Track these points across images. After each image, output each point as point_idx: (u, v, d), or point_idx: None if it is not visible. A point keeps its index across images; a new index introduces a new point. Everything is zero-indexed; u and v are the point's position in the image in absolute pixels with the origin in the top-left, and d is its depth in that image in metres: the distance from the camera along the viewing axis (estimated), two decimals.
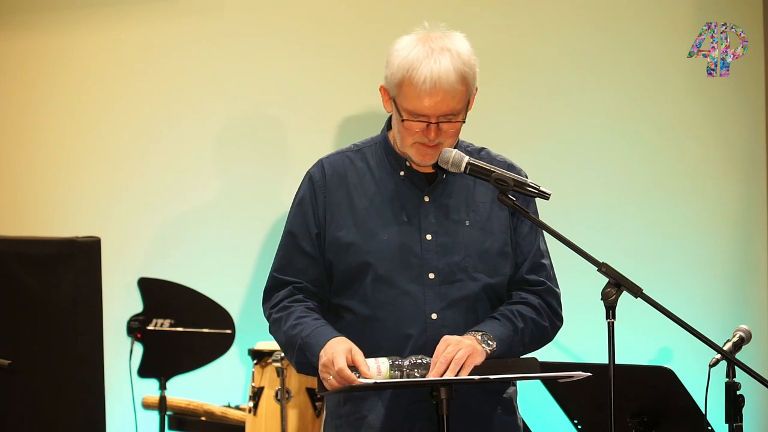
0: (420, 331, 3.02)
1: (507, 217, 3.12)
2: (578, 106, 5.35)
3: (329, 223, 3.08)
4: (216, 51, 5.76)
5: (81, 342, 4.40)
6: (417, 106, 2.97)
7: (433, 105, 2.96)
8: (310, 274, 3.10)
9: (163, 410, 5.19)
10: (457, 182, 3.11)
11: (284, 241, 3.15)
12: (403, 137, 3.03)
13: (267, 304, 3.15)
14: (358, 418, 3.06)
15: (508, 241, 3.11)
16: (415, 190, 3.09)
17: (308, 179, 3.15)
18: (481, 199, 3.11)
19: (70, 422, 4.38)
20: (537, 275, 3.12)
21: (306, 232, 3.10)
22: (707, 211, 5.23)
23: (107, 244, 4.65)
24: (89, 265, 4.46)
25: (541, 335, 3.10)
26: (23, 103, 5.99)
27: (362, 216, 3.07)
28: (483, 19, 5.43)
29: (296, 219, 3.13)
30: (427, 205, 3.08)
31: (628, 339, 4.56)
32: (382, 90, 3.07)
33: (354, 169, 3.13)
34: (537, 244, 3.14)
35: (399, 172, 3.11)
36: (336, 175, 3.12)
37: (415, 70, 2.96)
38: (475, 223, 3.08)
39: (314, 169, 3.16)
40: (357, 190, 3.10)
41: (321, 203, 3.10)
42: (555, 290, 3.14)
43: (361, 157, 3.15)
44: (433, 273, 3.04)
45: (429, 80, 2.94)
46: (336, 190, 3.11)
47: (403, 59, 2.99)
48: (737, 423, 3.46)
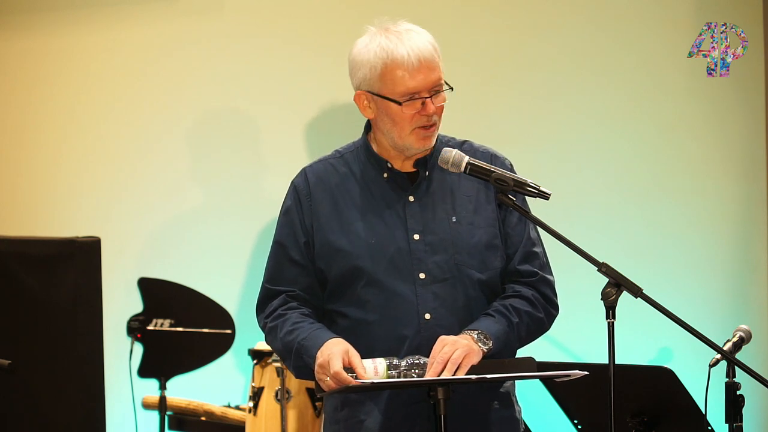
0: (414, 332, 3.01)
1: (494, 209, 3.11)
2: (578, 106, 5.35)
3: (316, 230, 3.09)
4: (216, 51, 5.76)
5: (81, 342, 4.40)
6: (409, 85, 2.99)
7: (423, 78, 2.99)
8: (301, 282, 3.11)
9: (163, 410, 5.19)
10: (439, 179, 3.10)
11: (273, 251, 3.16)
12: (400, 127, 3.03)
13: (261, 315, 3.15)
14: (356, 422, 3.06)
15: (497, 234, 3.10)
16: (399, 190, 3.09)
17: (293, 189, 3.16)
18: (466, 193, 3.11)
19: (70, 422, 4.38)
20: (530, 265, 3.11)
21: (294, 241, 3.11)
22: (707, 211, 5.23)
23: (107, 244, 4.65)
24: (89, 265, 4.46)
25: (537, 327, 3.10)
26: (23, 103, 5.99)
27: (349, 221, 3.07)
28: (483, 19, 5.42)
29: (284, 229, 3.14)
30: (413, 205, 3.08)
31: (628, 339, 4.55)
32: (358, 98, 3.08)
33: (337, 175, 3.13)
34: (527, 232, 3.13)
35: (382, 174, 3.11)
36: (320, 182, 3.13)
37: (393, 52, 2.99)
38: (462, 218, 3.08)
39: (298, 179, 3.17)
40: (342, 195, 3.11)
41: (307, 211, 3.11)
42: (548, 279, 3.13)
43: (343, 163, 3.15)
44: (424, 273, 3.04)
45: (412, 55, 2.98)
46: (321, 197, 3.11)
47: (375, 51, 3.02)
48: (737, 423, 3.46)
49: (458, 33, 5.39)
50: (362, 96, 3.07)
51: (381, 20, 3.07)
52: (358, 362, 2.90)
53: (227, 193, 5.75)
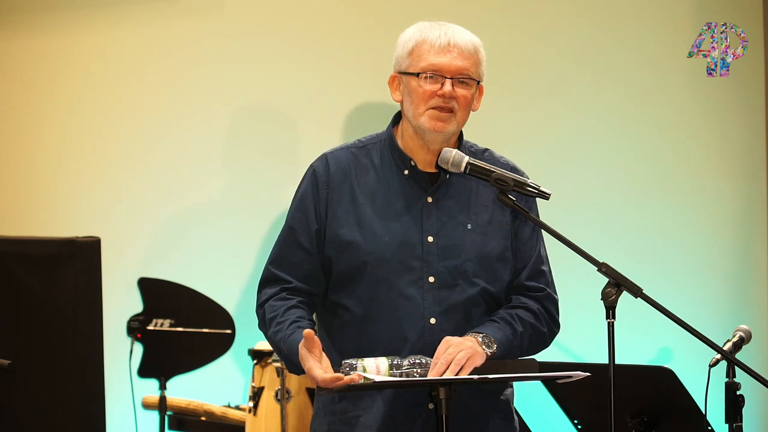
0: (418, 336, 3.00)
1: (508, 222, 3.09)
2: (578, 106, 5.35)
3: (330, 219, 3.05)
4: (216, 51, 5.76)
5: (81, 342, 4.39)
6: (432, 61, 2.99)
7: (449, 60, 3.00)
8: (305, 269, 3.07)
9: (163, 410, 5.19)
10: (459, 184, 3.08)
11: (283, 234, 3.11)
12: (416, 105, 3.01)
13: (258, 296, 3.12)
14: (353, 416, 3.04)
15: (509, 246, 3.09)
16: (418, 190, 3.06)
17: (311, 173, 3.11)
18: (484, 202, 3.09)
19: (70, 422, 4.38)
20: (536, 282, 3.11)
21: (305, 227, 3.07)
22: (707, 211, 5.23)
23: (107, 244, 4.65)
24: (89, 265, 4.45)
25: (539, 340, 3.09)
26: (23, 103, 5.99)
27: (364, 215, 3.04)
28: (483, 19, 5.42)
29: (297, 213, 3.10)
30: (430, 206, 3.06)
31: (628, 339, 4.56)
32: (391, 80, 3.07)
33: (358, 165, 3.09)
34: (537, 250, 3.12)
35: (403, 171, 3.08)
36: (340, 171, 3.08)
37: (428, 32, 3.03)
38: (477, 226, 3.06)
39: (318, 164, 3.11)
40: (360, 187, 3.07)
41: (323, 199, 3.07)
42: (554, 297, 3.13)
43: (365, 154, 3.11)
44: (433, 277, 3.02)
45: (444, 36, 3.02)
46: (339, 186, 3.07)
47: (412, 32, 3.05)
48: (737, 423, 3.46)
49: None
50: (394, 78, 3.07)
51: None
52: (311, 355, 2.84)
53: (227, 193, 5.75)
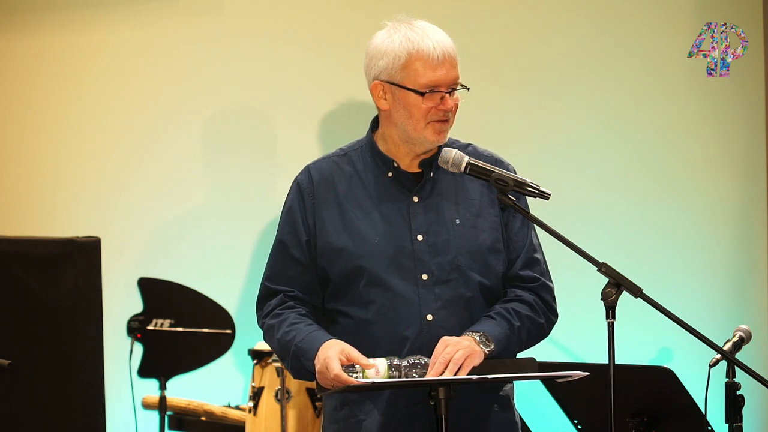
0: (416, 333, 3.01)
1: (497, 213, 3.11)
2: (578, 106, 5.35)
3: (319, 229, 3.08)
4: (216, 51, 5.76)
5: (81, 342, 4.39)
6: (432, 78, 2.99)
7: (446, 72, 3.00)
8: (301, 281, 3.10)
9: (163, 410, 5.19)
10: (444, 180, 3.10)
11: (275, 249, 3.15)
12: (416, 120, 3.02)
13: (260, 313, 3.15)
14: (355, 421, 3.06)
15: (500, 238, 3.10)
16: (403, 190, 3.08)
17: (296, 186, 3.15)
18: (470, 196, 3.10)
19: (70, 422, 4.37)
20: (531, 271, 3.11)
21: (296, 239, 3.10)
22: (707, 211, 5.23)
23: (107, 244, 4.64)
24: (89, 265, 4.45)
25: (537, 332, 3.11)
26: (23, 103, 5.99)
27: (352, 220, 3.06)
28: (483, 19, 5.42)
29: (286, 227, 3.13)
30: (416, 205, 3.07)
31: (628, 339, 4.55)
32: (375, 88, 3.06)
33: (341, 173, 3.12)
34: (529, 238, 3.13)
35: (387, 173, 3.10)
36: (323, 180, 3.11)
37: (419, 43, 3.00)
38: (466, 221, 3.07)
39: (301, 176, 3.15)
40: (345, 194, 3.09)
41: (310, 210, 3.10)
42: (549, 285, 3.14)
43: (347, 161, 3.14)
44: (426, 274, 3.03)
45: (438, 48, 3.00)
46: (324, 196, 3.10)
47: (401, 41, 3.02)
48: (737, 423, 3.46)
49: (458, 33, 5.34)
50: (379, 86, 3.06)
51: (397, 17, 3.08)
52: (357, 356, 2.90)
53: (227, 192, 5.75)
